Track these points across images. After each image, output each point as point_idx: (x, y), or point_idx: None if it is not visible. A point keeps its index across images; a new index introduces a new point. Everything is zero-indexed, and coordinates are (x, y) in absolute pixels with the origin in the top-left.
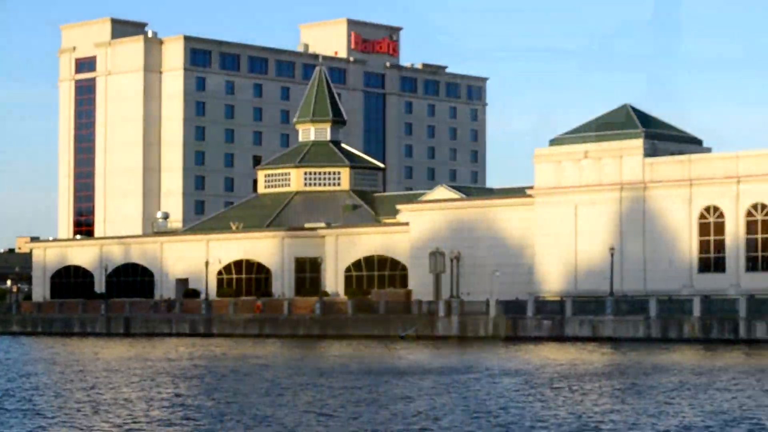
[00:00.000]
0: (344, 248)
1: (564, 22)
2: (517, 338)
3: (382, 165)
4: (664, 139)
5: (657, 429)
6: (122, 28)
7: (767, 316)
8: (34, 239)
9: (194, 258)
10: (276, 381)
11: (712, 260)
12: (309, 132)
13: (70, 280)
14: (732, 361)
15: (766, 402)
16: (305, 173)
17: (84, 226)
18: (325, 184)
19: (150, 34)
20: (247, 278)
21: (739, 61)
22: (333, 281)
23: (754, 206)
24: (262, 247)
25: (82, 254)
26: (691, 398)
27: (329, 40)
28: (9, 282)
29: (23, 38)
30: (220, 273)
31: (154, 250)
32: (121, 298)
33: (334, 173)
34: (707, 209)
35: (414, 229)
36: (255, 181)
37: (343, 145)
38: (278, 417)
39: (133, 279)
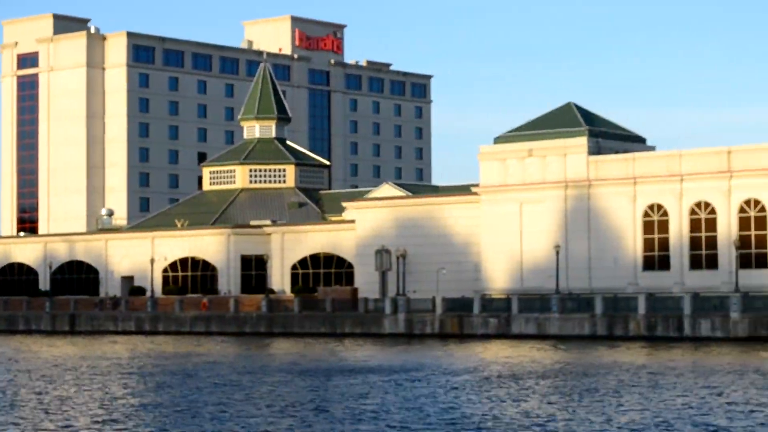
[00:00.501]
0: (290, 246)
1: (508, 18)
2: (463, 336)
3: (327, 162)
4: (607, 137)
5: (605, 427)
6: (64, 24)
7: (711, 314)
8: None
9: (139, 255)
10: (224, 380)
11: (656, 258)
12: (254, 129)
13: (14, 278)
14: (678, 358)
15: (713, 401)
16: (250, 170)
17: (28, 223)
18: (270, 182)
19: (93, 30)
20: (193, 276)
21: (683, 60)
22: (279, 279)
23: (698, 204)
24: (208, 244)
25: (26, 251)
26: (640, 396)
27: (273, 37)
28: None
29: None
30: (165, 270)
31: (99, 248)
32: (65, 296)
33: (280, 170)
34: (651, 207)
35: (360, 226)
36: (200, 178)
37: (288, 143)
38: (227, 416)
39: (77, 276)
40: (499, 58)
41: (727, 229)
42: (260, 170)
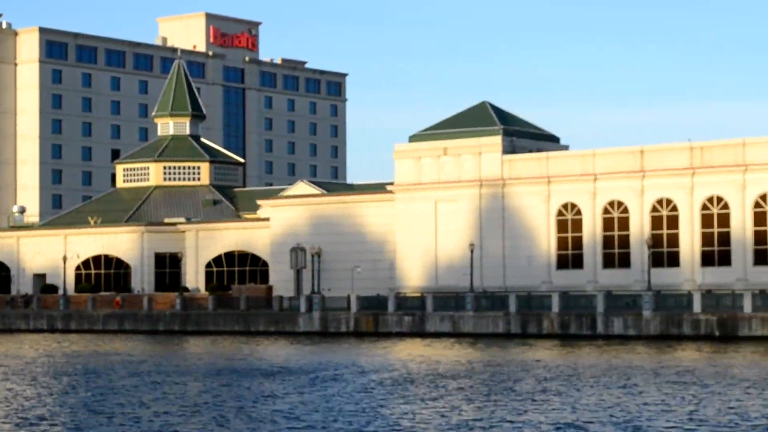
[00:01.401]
0: (205, 243)
1: (423, 17)
2: (378, 334)
3: (242, 160)
4: (522, 136)
5: (524, 427)
6: None
7: (624, 312)
8: None
9: (52, 253)
10: (137, 379)
11: (570, 257)
12: (168, 126)
13: None
14: (593, 357)
15: (629, 400)
16: (164, 167)
17: None
18: (184, 179)
19: (4, 25)
20: (106, 273)
21: (596, 59)
22: (193, 277)
23: (611, 203)
24: (121, 242)
25: None
26: (558, 395)
27: (188, 34)
28: None
29: None
30: (78, 268)
31: (11, 245)
32: None
33: (194, 168)
34: (565, 206)
35: (274, 224)
36: (113, 176)
37: (203, 140)
38: (137, 416)
39: None
40: (415, 57)
41: (639, 228)
42: (174, 168)
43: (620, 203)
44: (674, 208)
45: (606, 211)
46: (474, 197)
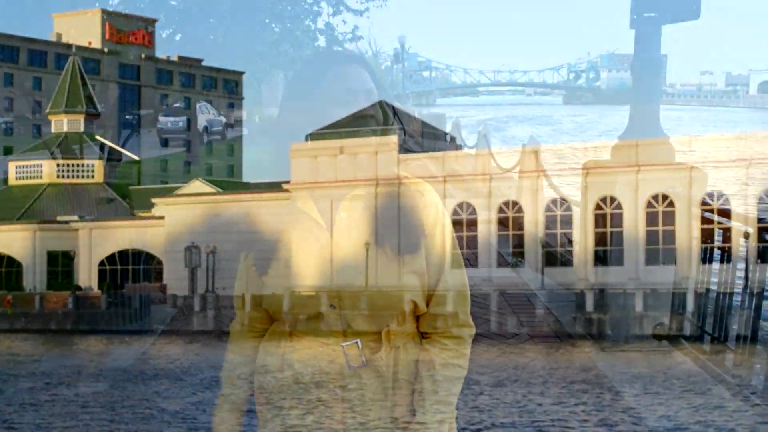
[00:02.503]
0: (98, 242)
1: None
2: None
3: (137, 158)
4: (419, 135)
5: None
6: None
7: (516, 311)
8: None
9: None
10: (28, 381)
11: (465, 256)
12: (62, 123)
13: None
14: (488, 356)
15: (533, 402)
16: (58, 165)
17: None
18: (78, 177)
19: None
20: None
21: (492, 59)
22: (86, 275)
23: (506, 203)
24: (13, 240)
25: None
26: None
27: (83, 31)
28: None
29: None
30: None
31: None
32: None
33: (88, 165)
34: (460, 205)
35: (169, 223)
36: (5, 173)
37: (98, 137)
38: (16, 424)
39: None
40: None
41: (534, 227)
42: (68, 165)
43: (515, 203)
44: (568, 208)
45: (501, 210)
46: (370, 197)
